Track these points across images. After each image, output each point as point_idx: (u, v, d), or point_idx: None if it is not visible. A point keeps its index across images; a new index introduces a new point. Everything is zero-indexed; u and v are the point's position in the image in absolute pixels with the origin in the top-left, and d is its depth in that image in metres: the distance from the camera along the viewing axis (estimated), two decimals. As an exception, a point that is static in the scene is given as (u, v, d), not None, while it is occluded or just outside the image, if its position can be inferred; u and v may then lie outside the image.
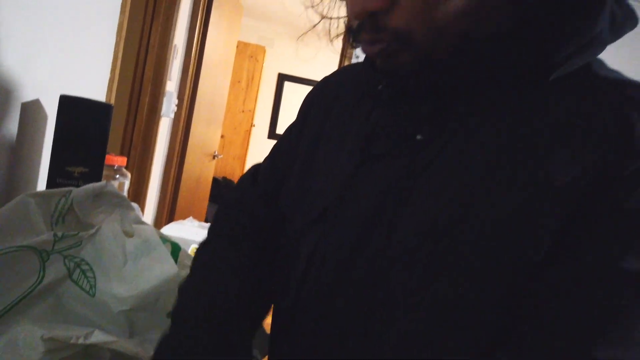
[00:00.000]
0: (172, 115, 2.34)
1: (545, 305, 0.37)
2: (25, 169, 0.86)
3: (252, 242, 0.58)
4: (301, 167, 0.56)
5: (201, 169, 2.93)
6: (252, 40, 4.73)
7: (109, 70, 1.25)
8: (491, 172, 0.40)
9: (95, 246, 0.56)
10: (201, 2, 2.35)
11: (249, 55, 4.65)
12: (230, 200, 0.65)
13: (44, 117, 0.91)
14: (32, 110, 0.84)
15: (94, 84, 1.20)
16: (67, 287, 0.53)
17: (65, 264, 0.54)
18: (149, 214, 2.37)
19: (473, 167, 0.41)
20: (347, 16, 0.45)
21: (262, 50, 4.70)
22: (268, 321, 0.60)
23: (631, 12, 0.42)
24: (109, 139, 0.81)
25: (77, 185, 0.73)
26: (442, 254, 0.40)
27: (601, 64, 0.44)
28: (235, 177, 4.72)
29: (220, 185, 4.36)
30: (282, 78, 5.02)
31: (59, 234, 0.55)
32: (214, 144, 3.17)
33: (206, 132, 2.86)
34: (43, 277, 0.52)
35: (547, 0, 0.41)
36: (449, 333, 0.40)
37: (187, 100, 2.46)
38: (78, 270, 0.54)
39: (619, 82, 0.41)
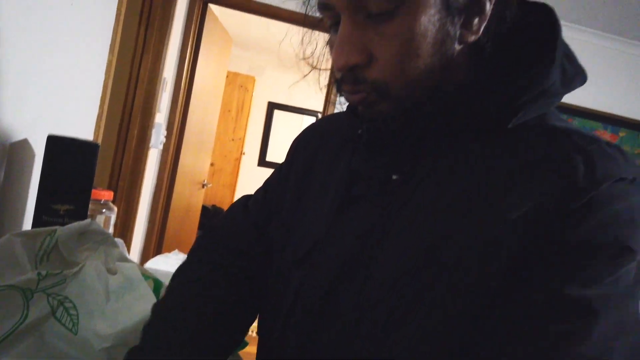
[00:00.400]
0: (161, 147, 2.36)
1: (501, 330, 0.41)
2: (12, 205, 0.88)
3: (237, 268, 0.60)
4: (290, 205, 0.60)
5: (190, 198, 2.94)
6: (242, 70, 4.82)
7: (98, 106, 1.28)
8: (459, 208, 0.44)
9: (79, 284, 0.57)
10: (191, 35, 2.40)
11: (238, 85, 4.72)
12: (218, 225, 0.67)
13: (32, 156, 0.93)
14: (20, 150, 0.86)
15: (83, 119, 1.23)
16: (50, 325, 0.54)
17: (49, 302, 0.55)
18: (136, 245, 2.36)
19: (444, 203, 0.45)
20: (332, 69, 0.50)
21: (251, 79, 4.78)
22: (251, 351, 0.62)
23: (580, 69, 0.48)
24: (95, 175, 0.83)
25: (63, 223, 0.74)
26: (428, 275, 0.43)
27: (555, 115, 0.49)
28: (225, 205, 4.72)
29: (209, 214, 4.36)
30: (272, 106, 5.10)
31: (43, 272, 0.56)
32: (204, 172, 3.19)
33: (195, 161, 2.88)
34: (27, 315, 0.53)
35: (502, 58, 0.47)
36: (445, 340, 0.42)
37: (176, 131, 2.49)
38: (61, 308, 0.56)
39: (567, 131, 0.46)
